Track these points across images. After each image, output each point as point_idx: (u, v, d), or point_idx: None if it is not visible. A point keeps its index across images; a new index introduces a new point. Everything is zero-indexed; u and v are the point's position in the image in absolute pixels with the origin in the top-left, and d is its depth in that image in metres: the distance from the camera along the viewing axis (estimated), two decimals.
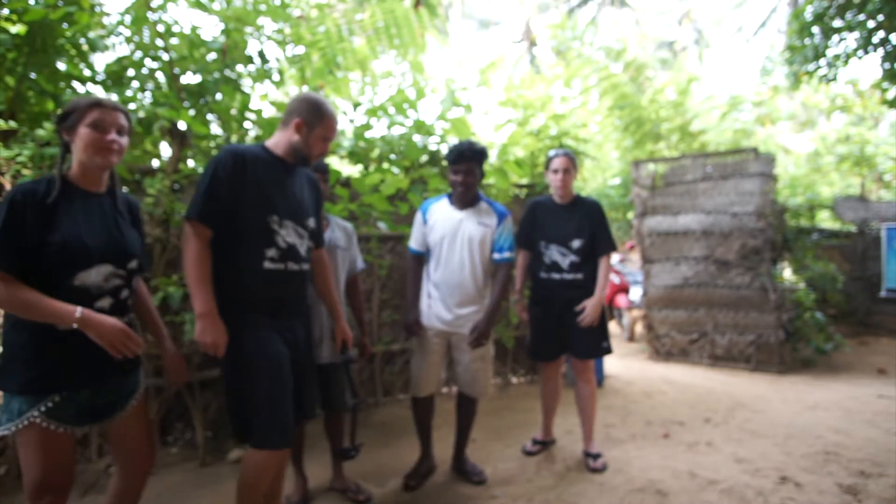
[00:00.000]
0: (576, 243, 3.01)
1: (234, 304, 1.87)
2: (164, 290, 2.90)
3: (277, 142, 2.02)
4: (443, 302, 2.73)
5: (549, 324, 3.05)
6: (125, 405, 1.72)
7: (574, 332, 2.99)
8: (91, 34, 3.23)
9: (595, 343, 3.01)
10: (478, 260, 2.72)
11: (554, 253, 3.04)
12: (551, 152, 3.12)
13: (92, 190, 1.66)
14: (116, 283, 1.67)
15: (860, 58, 5.61)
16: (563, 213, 3.09)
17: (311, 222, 2.09)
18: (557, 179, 3.03)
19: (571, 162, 3.04)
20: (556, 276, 3.03)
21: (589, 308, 2.93)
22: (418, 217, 2.85)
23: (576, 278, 3.01)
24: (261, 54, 3.65)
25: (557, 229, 3.05)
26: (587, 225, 3.03)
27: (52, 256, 1.54)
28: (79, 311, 1.52)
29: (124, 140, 1.67)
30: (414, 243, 2.85)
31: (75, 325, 1.51)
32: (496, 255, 2.77)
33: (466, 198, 2.76)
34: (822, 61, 5.87)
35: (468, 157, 2.69)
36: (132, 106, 3.20)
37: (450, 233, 2.72)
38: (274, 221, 1.93)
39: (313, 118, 1.99)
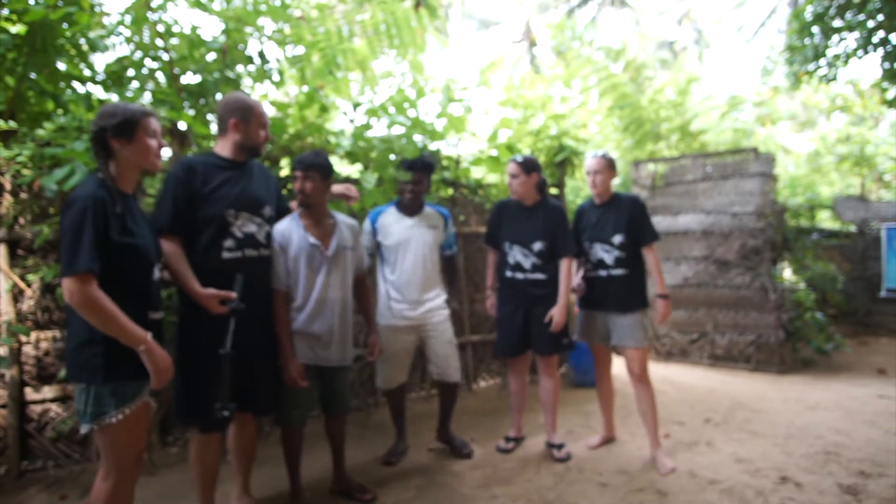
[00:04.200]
0: (536, 245, 3.07)
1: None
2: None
3: (223, 146, 2.27)
4: (406, 301, 3.00)
5: (515, 321, 3.12)
6: None
7: (536, 331, 3.07)
8: (91, 34, 3.23)
9: (556, 340, 3.07)
10: (434, 259, 3.08)
11: (517, 254, 3.11)
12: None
13: (126, 192, 1.78)
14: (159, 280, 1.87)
15: (860, 58, 5.62)
16: (525, 214, 3.14)
17: (268, 210, 2.34)
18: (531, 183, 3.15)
19: (520, 167, 3.07)
20: (520, 275, 3.10)
21: (556, 317, 3.00)
22: (368, 227, 3.09)
23: (539, 278, 3.07)
24: (261, 54, 3.65)
25: (519, 231, 3.11)
26: (548, 227, 3.07)
27: (131, 260, 1.70)
28: (149, 336, 1.70)
29: None
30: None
31: (141, 349, 1.67)
32: (446, 252, 3.19)
33: (415, 205, 3.08)
34: (822, 61, 5.87)
35: (419, 168, 3.05)
36: None
37: (404, 239, 3.01)
38: (230, 215, 2.16)
39: (245, 114, 2.23)
